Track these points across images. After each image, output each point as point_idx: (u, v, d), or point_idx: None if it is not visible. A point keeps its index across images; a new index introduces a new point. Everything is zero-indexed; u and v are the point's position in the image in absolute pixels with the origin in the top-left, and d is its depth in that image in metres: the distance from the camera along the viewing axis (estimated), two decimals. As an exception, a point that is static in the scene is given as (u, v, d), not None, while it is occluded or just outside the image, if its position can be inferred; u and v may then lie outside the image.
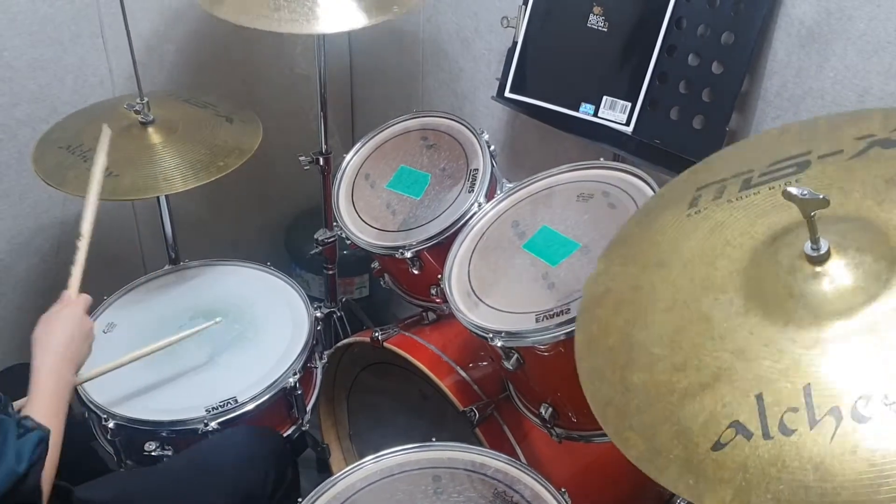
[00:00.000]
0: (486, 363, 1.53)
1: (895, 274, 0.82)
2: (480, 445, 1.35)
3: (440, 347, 1.56)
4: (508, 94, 1.68)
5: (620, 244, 1.11)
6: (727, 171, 1.06)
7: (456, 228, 1.48)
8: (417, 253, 1.51)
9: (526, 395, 1.40)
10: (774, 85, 1.39)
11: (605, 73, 1.55)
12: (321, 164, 1.95)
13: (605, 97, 1.54)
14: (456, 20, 2.01)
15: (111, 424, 1.49)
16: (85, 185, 1.45)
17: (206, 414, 1.49)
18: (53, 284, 1.36)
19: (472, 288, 1.36)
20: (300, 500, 1.22)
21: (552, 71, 1.64)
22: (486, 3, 1.89)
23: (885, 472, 0.71)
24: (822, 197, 0.82)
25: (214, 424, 1.48)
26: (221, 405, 1.50)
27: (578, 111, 1.57)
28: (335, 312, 2.15)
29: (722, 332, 0.87)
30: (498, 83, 1.72)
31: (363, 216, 1.63)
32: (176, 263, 1.90)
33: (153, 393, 1.54)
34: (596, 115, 1.55)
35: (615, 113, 1.53)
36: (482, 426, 1.43)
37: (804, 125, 1.09)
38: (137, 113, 1.73)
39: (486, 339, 1.26)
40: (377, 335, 1.59)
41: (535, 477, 1.22)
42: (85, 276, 1.38)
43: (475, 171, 1.56)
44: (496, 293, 1.33)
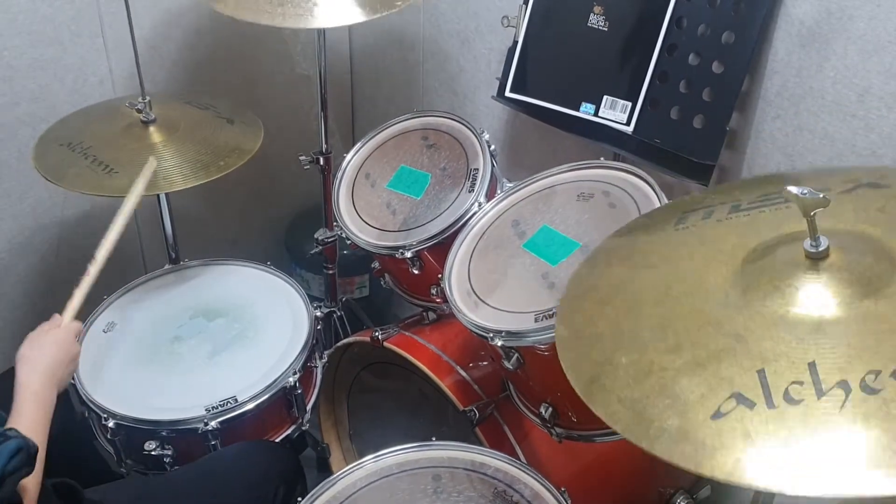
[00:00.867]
0: (486, 363, 1.53)
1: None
2: (480, 445, 1.35)
3: (440, 347, 1.56)
4: (509, 93, 1.68)
5: (603, 252, 1.10)
6: (713, 201, 1.06)
7: (456, 228, 1.48)
8: (417, 253, 1.51)
9: (526, 394, 1.40)
10: (775, 84, 1.39)
11: (605, 72, 1.55)
12: (321, 163, 1.95)
13: (605, 97, 1.54)
14: (456, 20, 2.01)
15: (111, 424, 1.48)
16: (84, 182, 1.45)
17: (205, 413, 1.49)
18: (53, 284, 1.37)
19: (472, 287, 1.36)
20: (300, 499, 1.22)
21: (553, 70, 1.64)
22: (486, 2, 1.89)
23: None
24: (821, 196, 0.82)
25: (214, 424, 1.48)
26: (221, 404, 1.50)
27: (579, 111, 1.57)
28: (335, 312, 2.15)
29: (718, 319, 0.86)
30: (498, 83, 1.72)
31: (363, 216, 1.63)
32: (176, 263, 1.90)
33: (153, 392, 1.54)
34: (596, 114, 1.55)
35: (615, 112, 1.53)
36: (482, 426, 1.43)
37: (788, 175, 1.09)
38: (139, 112, 1.73)
39: (486, 338, 1.26)
40: (377, 335, 1.59)
41: (535, 476, 1.22)
42: (91, 288, 1.39)
43: (475, 170, 1.55)
44: (496, 293, 1.33)
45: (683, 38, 1.44)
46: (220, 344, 1.63)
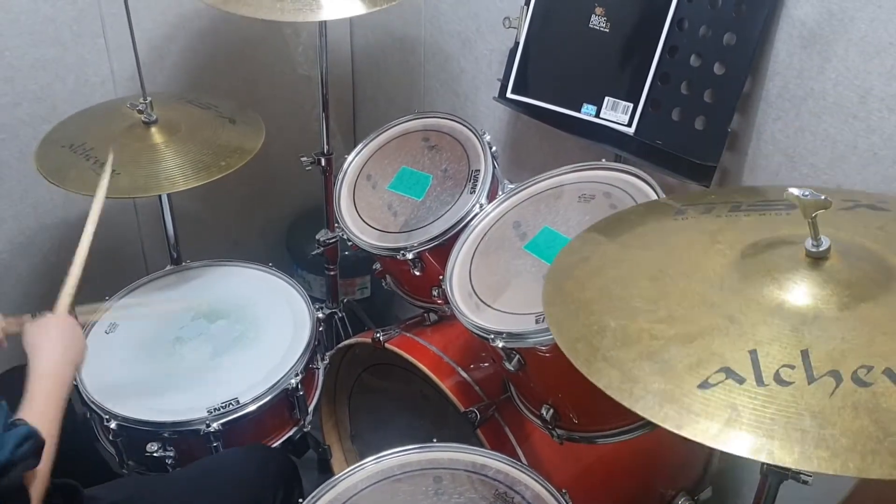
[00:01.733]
0: (487, 364, 1.53)
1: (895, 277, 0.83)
2: (481, 446, 1.35)
3: (441, 348, 1.56)
4: (510, 94, 1.68)
5: (595, 231, 1.09)
6: (714, 200, 1.06)
7: (457, 229, 1.48)
8: (419, 254, 1.51)
9: (527, 396, 1.40)
10: (776, 86, 1.39)
11: (606, 73, 1.55)
12: (323, 164, 1.95)
13: (606, 98, 1.54)
14: (458, 21, 2.01)
15: (113, 425, 1.49)
16: (85, 183, 1.45)
17: (207, 415, 1.49)
18: (55, 284, 1.37)
19: (473, 289, 1.36)
20: (301, 500, 1.22)
21: (554, 72, 1.64)
22: (487, 3, 1.89)
23: (891, 431, 0.71)
24: (823, 198, 0.82)
25: (216, 425, 1.48)
26: (223, 406, 1.51)
27: (580, 112, 1.57)
28: (336, 313, 2.15)
29: (713, 300, 0.86)
30: (499, 84, 1.72)
31: (365, 217, 1.63)
32: (178, 264, 1.90)
33: (155, 394, 1.55)
34: (598, 115, 1.55)
35: (617, 114, 1.53)
36: (483, 427, 1.43)
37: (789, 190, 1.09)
38: (140, 112, 1.73)
39: (487, 340, 1.26)
40: (378, 336, 1.59)
41: (535, 478, 1.22)
42: (86, 276, 1.38)
43: (477, 171, 1.55)
44: (498, 294, 1.33)
45: (685, 39, 1.44)
46: (221, 345, 1.64)
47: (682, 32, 1.45)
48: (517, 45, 1.67)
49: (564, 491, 1.20)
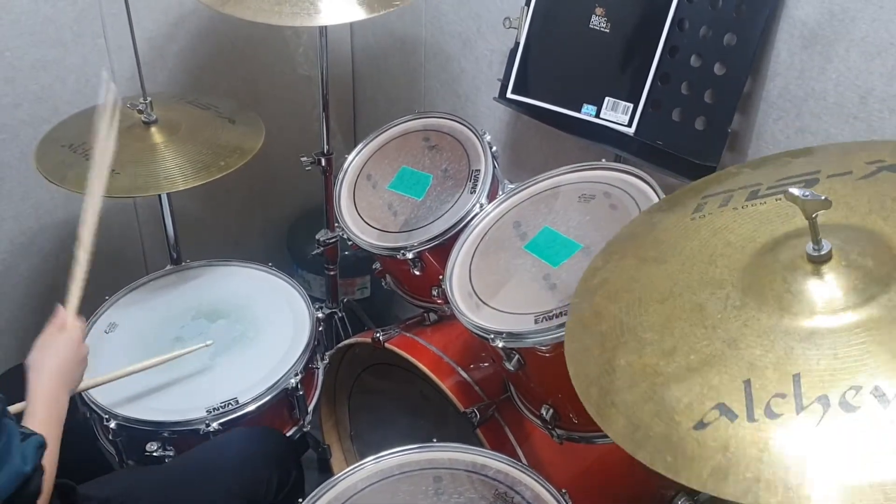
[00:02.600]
0: (487, 364, 1.53)
1: (895, 279, 0.82)
2: (481, 446, 1.35)
3: (441, 348, 1.56)
4: (510, 94, 1.68)
5: (622, 241, 1.11)
6: (735, 183, 1.07)
7: (458, 229, 1.48)
8: (419, 254, 1.51)
9: (527, 396, 1.39)
10: (777, 86, 1.39)
11: (607, 74, 1.55)
12: (323, 164, 1.95)
13: (607, 98, 1.54)
14: (458, 21, 2.01)
15: (113, 425, 1.49)
16: (84, 183, 1.44)
17: (207, 415, 1.49)
18: (55, 285, 1.37)
19: (473, 289, 1.35)
20: (301, 500, 1.22)
21: (554, 72, 1.64)
22: (488, 3, 1.89)
23: (871, 459, 0.72)
24: (823, 198, 0.82)
25: (216, 425, 1.48)
26: (223, 406, 1.51)
27: (580, 112, 1.57)
28: (336, 313, 2.15)
29: (715, 322, 0.88)
30: (500, 84, 1.72)
31: (365, 217, 1.63)
32: (177, 264, 1.90)
33: (155, 393, 1.55)
34: (598, 116, 1.55)
35: (617, 114, 1.52)
36: (483, 427, 1.43)
37: (815, 149, 1.10)
38: (140, 112, 1.73)
39: (487, 339, 1.26)
40: (378, 336, 1.59)
41: (535, 478, 1.21)
42: (86, 276, 1.38)
43: (477, 171, 1.55)
44: (498, 294, 1.33)
45: (685, 39, 1.44)
46: (221, 345, 1.63)
47: (682, 33, 1.44)
48: (517, 45, 1.67)
49: (564, 491, 1.20)
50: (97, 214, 1.38)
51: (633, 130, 1.50)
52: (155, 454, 1.47)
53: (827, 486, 0.72)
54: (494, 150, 1.58)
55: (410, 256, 1.51)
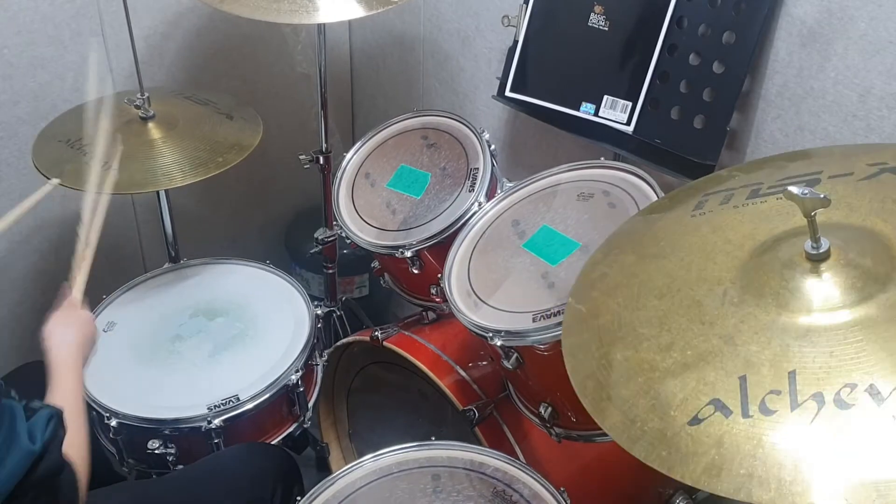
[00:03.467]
0: (485, 362, 1.53)
1: (893, 279, 0.83)
2: (480, 444, 1.35)
3: (440, 347, 1.56)
4: (509, 93, 1.68)
5: (622, 236, 1.11)
6: (736, 182, 1.07)
7: (456, 228, 1.48)
8: (417, 252, 1.51)
9: (525, 394, 1.40)
10: (775, 85, 1.39)
11: (605, 72, 1.55)
12: (321, 162, 1.94)
13: (605, 96, 1.54)
14: (457, 19, 2.01)
15: (113, 423, 1.49)
16: (81, 178, 1.45)
17: (207, 412, 1.49)
18: (52, 283, 1.37)
19: (471, 287, 1.35)
20: (299, 498, 1.22)
21: (553, 70, 1.64)
22: (486, 1, 1.89)
23: (865, 457, 0.72)
24: (822, 196, 0.82)
25: (217, 422, 1.48)
26: (224, 402, 1.51)
27: (579, 110, 1.57)
28: (335, 311, 2.14)
29: (712, 318, 0.88)
30: (498, 82, 1.71)
31: (363, 215, 1.63)
32: (176, 262, 1.90)
33: (155, 391, 1.55)
34: (596, 114, 1.55)
35: (616, 112, 1.52)
36: (481, 425, 1.43)
37: (817, 150, 1.10)
38: (138, 108, 1.73)
39: (485, 338, 1.26)
40: (377, 334, 1.59)
41: (534, 476, 1.22)
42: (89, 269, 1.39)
43: (475, 170, 1.55)
44: (496, 292, 1.33)
45: (684, 37, 1.44)
46: (220, 343, 1.63)
47: (681, 31, 1.44)
48: (516, 43, 1.67)
49: (563, 489, 1.20)
50: (104, 208, 1.43)
51: (631, 129, 1.50)
52: (157, 452, 1.47)
53: (820, 482, 0.72)
54: (493, 148, 1.58)
55: (409, 255, 1.51)
